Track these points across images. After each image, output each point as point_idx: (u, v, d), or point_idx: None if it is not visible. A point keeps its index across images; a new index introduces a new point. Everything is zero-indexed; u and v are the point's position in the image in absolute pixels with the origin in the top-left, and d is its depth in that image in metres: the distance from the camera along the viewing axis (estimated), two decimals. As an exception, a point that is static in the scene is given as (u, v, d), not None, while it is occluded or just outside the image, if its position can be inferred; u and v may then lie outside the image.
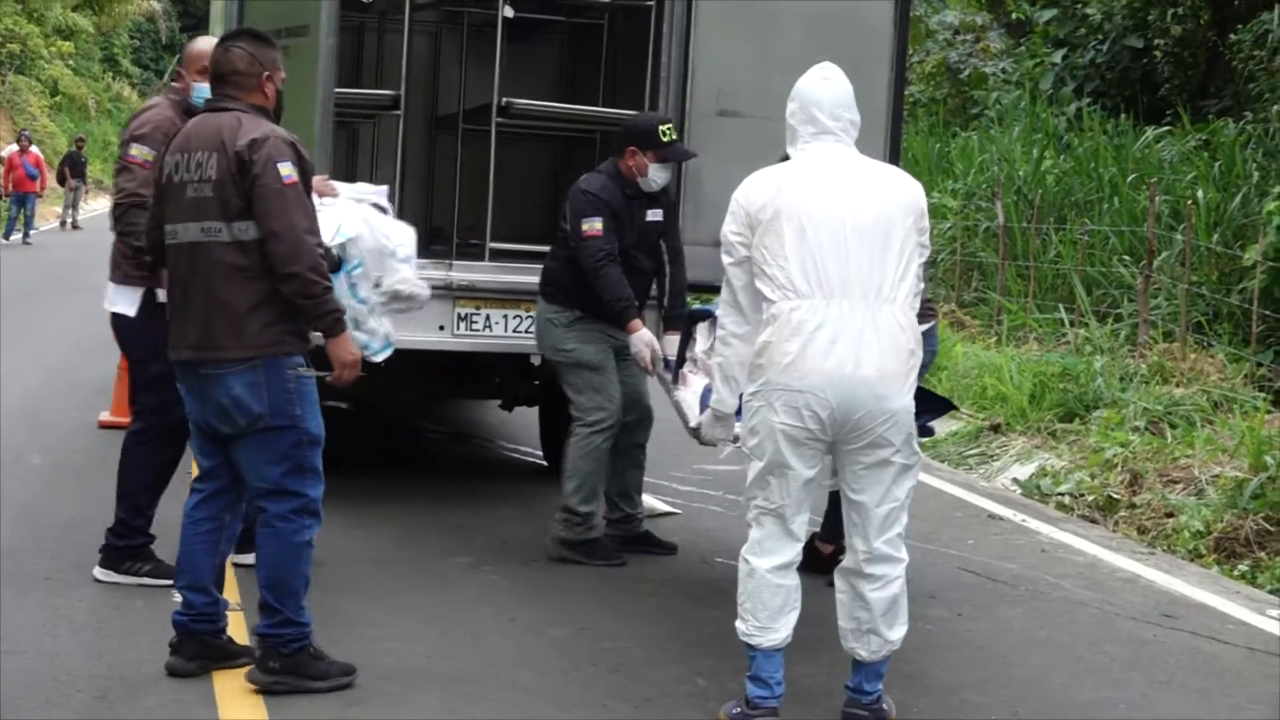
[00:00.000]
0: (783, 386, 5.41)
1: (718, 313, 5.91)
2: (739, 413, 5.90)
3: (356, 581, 7.19)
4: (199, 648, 5.88)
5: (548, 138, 10.47)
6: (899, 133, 8.72)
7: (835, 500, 6.25)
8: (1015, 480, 11.11)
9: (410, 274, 6.61)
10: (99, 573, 6.99)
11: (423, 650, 6.32)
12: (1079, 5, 22.56)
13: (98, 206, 40.95)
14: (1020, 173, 19.70)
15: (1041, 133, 20.93)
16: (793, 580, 5.60)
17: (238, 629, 6.37)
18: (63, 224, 35.11)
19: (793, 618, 5.60)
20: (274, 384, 5.60)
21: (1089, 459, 10.94)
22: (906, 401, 5.48)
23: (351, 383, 5.86)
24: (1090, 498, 10.28)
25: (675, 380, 7.43)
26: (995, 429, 12.53)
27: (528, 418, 10.52)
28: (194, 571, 5.87)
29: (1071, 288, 16.35)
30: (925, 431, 6.80)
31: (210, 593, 5.89)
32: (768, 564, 5.56)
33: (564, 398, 9.69)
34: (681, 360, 7.44)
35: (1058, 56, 22.75)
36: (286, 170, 5.52)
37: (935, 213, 20.27)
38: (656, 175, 7.84)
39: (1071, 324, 15.48)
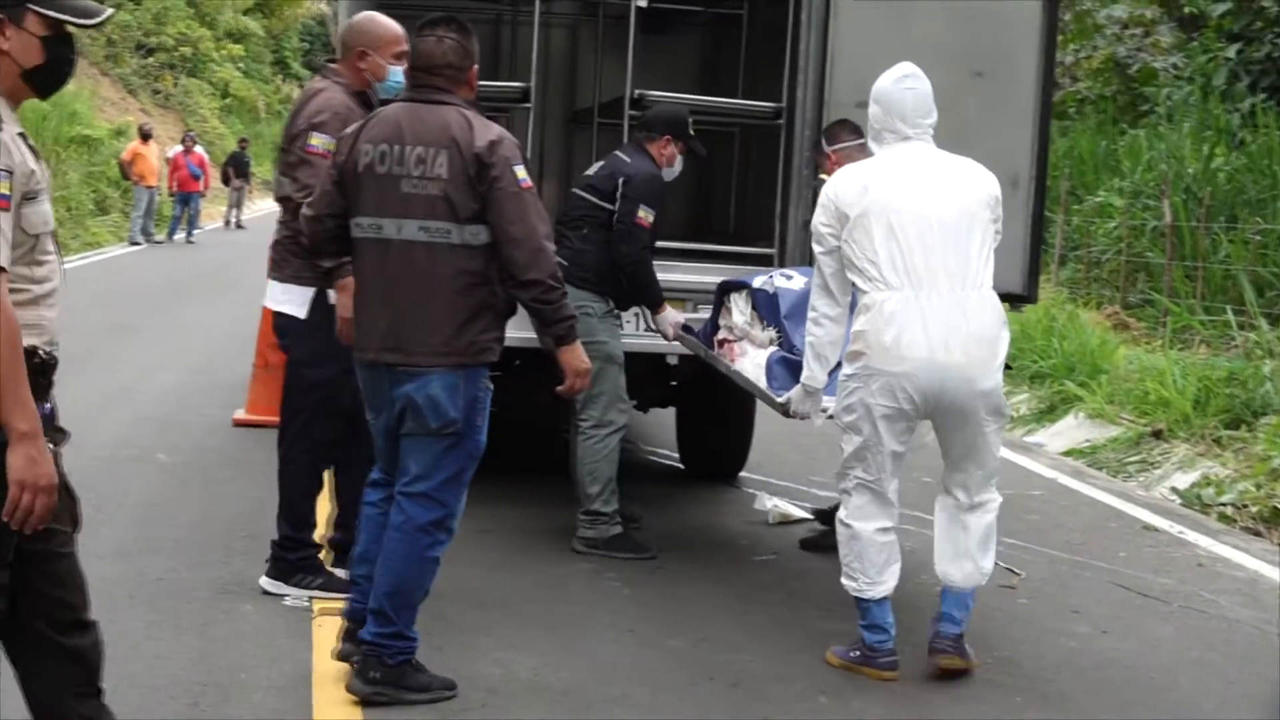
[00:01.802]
0: (880, 371, 5.85)
1: (811, 298, 6.17)
2: (828, 388, 6.29)
3: (472, 587, 6.94)
4: None
5: (698, 132, 10.17)
6: (1047, 124, 8.31)
7: None
8: (1174, 489, 10.60)
9: None
10: (266, 583, 6.67)
11: (532, 662, 6.06)
12: (1255, -2, 21.82)
13: (262, 206, 41.47)
14: (1189, 170, 19.03)
15: (1213, 129, 20.23)
16: (893, 537, 6.14)
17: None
18: (226, 223, 35.54)
19: (897, 569, 6.11)
20: (469, 391, 5.43)
21: (1255, 468, 10.43)
22: (996, 380, 5.95)
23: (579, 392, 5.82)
24: (1254, 509, 9.77)
25: (713, 346, 7.47)
26: (1157, 435, 12.01)
27: (665, 419, 10.26)
28: (376, 560, 5.59)
29: (1241, 289, 15.72)
30: None
31: None
32: (870, 527, 6.08)
33: (703, 398, 9.52)
34: (715, 327, 7.48)
35: (1232, 51, 21.98)
36: (522, 173, 5.36)
37: (1100, 212, 19.73)
38: (678, 166, 7.91)
39: (1240, 327, 14.86)
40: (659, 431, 10.71)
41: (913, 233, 5.84)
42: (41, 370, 3.75)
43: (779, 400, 6.64)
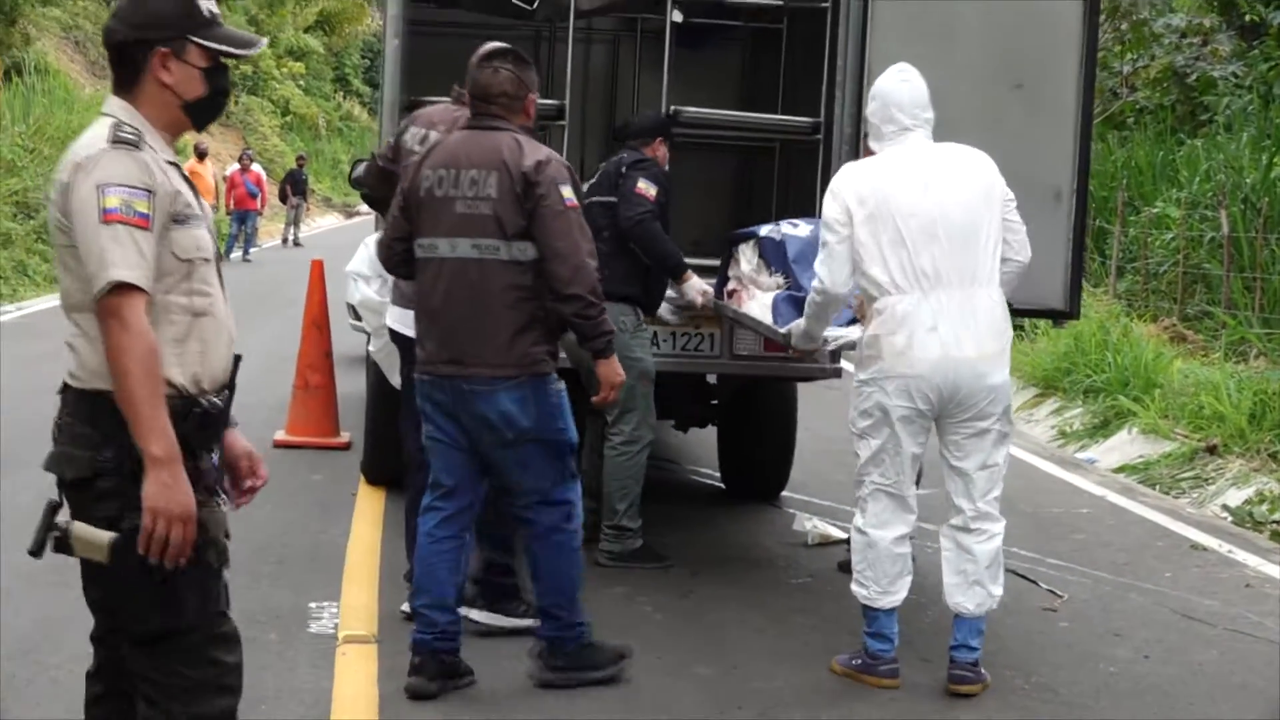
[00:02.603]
0: (895, 374, 5.99)
1: (816, 270, 6.27)
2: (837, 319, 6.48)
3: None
4: (439, 667, 5.84)
5: (726, 147, 10.11)
6: (1088, 137, 8.13)
7: None
8: (1225, 507, 10.40)
9: None
10: (478, 616, 6.55)
11: (556, 689, 5.96)
12: (1317, 5, 21.53)
13: (321, 224, 41.65)
14: (1248, 180, 18.76)
15: (1272, 138, 19.93)
16: (908, 548, 6.22)
17: (369, 661, 6.14)
18: (284, 241, 35.60)
19: (908, 580, 6.19)
20: (540, 399, 5.72)
21: (1310, 484, 10.23)
22: (1005, 376, 6.09)
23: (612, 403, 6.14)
24: (1308, 526, 9.59)
25: (723, 298, 7.58)
26: (1211, 450, 11.78)
27: (708, 438, 10.15)
28: (437, 590, 5.85)
29: (1299, 301, 15.48)
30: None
31: (453, 611, 5.90)
32: (889, 535, 6.16)
33: (743, 417, 9.42)
34: (725, 279, 7.61)
35: (1293, 59, 21.70)
36: (568, 193, 5.63)
37: (1158, 223, 19.46)
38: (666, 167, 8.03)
39: (1298, 339, 14.62)
40: (703, 451, 10.60)
41: (920, 237, 5.98)
42: (203, 422, 3.72)
43: (781, 332, 6.78)
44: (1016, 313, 11.29)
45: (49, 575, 6.70)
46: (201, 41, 3.77)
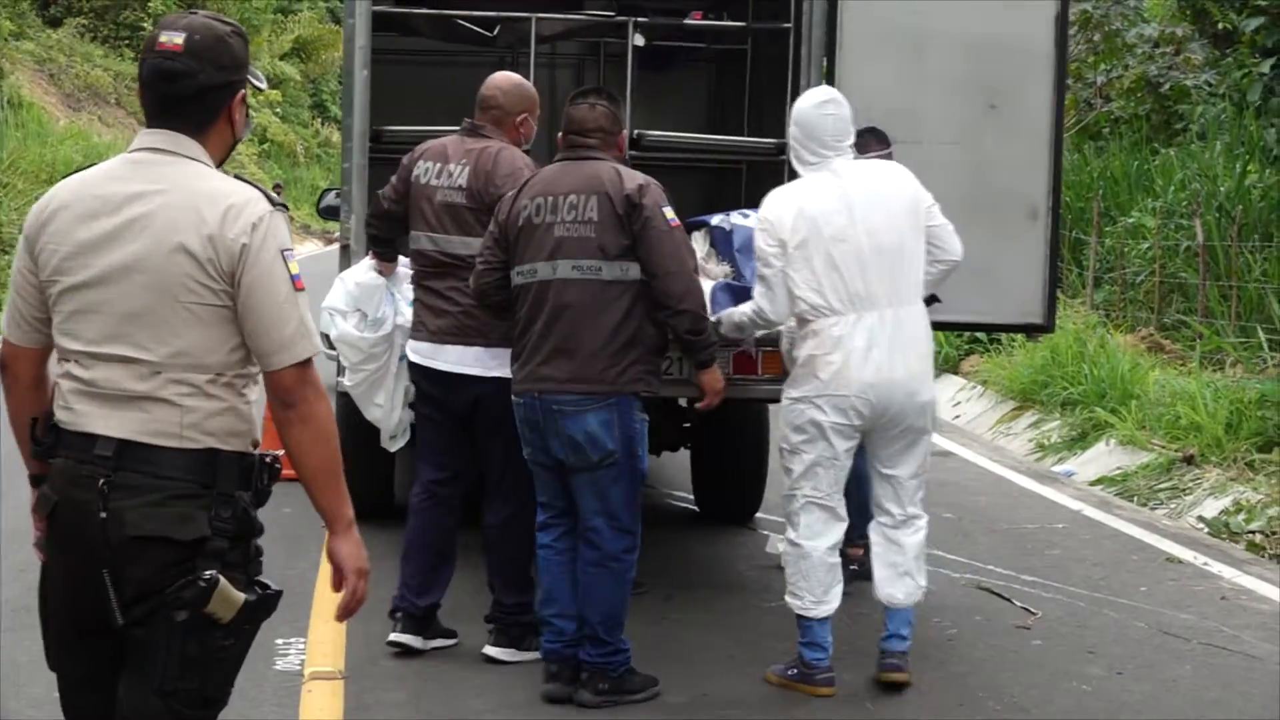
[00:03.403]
0: (830, 393, 6.20)
1: (754, 296, 6.41)
2: None
3: (471, 641, 6.79)
4: (573, 672, 6.14)
5: (694, 169, 10.07)
6: (1060, 155, 8.22)
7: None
8: (1201, 518, 10.37)
9: None
10: (495, 653, 6.61)
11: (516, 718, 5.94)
12: (1288, 11, 21.52)
13: (301, 250, 41.40)
14: (1222, 189, 18.77)
15: (1246, 146, 19.95)
16: (838, 559, 6.41)
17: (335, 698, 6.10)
18: (265, 269, 35.48)
19: (840, 590, 6.36)
20: (625, 421, 5.95)
21: (1286, 493, 10.20)
22: (932, 392, 6.40)
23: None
24: (1285, 536, 9.55)
25: None
26: (1189, 460, 11.75)
27: (682, 460, 10.10)
28: (563, 599, 6.14)
29: (1272, 309, 15.45)
30: None
31: (576, 619, 6.14)
32: (821, 546, 6.33)
33: (716, 440, 9.37)
34: None
35: (1266, 66, 21.68)
36: (670, 214, 5.94)
37: (1134, 233, 19.45)
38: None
39: (1273, 347, 14.60)
40: (677, 474, 10.55)
41: (852, 260, 6.18)
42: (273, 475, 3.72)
43: (710, 320, 6.73)
44: (995, 328, 11.41)
45: (9, 619, 6.66)
46: (252, 80, 3.76)
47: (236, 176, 3.67)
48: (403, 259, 7.04)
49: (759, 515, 9.51)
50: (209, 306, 3.54)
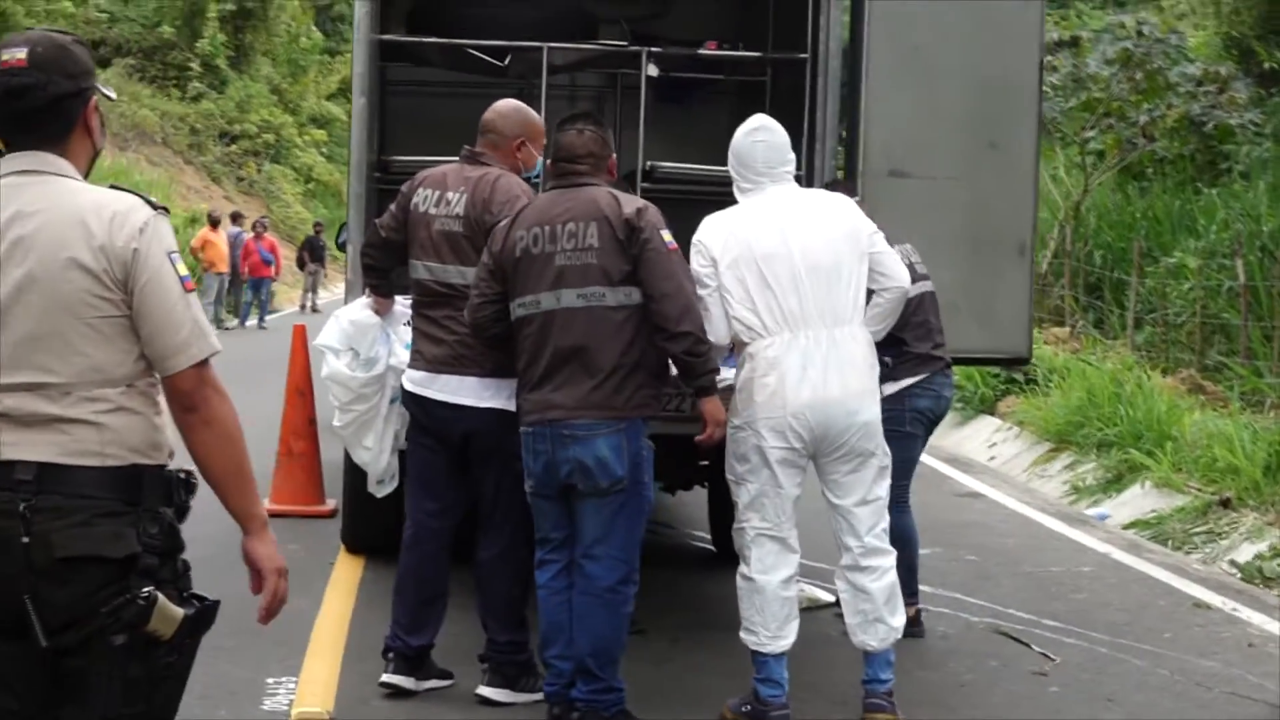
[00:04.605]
0: (767, 416, 6.05)
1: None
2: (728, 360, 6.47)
3: (469, 683, 6.59)
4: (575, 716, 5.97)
5: (707, 202, 9.86)
6: (1036, 193, 8.48)
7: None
8: (1233, 562, 10.09)
9: None
10: (490, 693, 6.42)
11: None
12: (1334, 50, 21.30)
13: (340, 289, 41.40)
14: (1265, 229, 18.50)
15: (1290, 186, 19.70)
16: (794, 592, 6.28)
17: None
18: (302, 308, 35.42)
19: (796, 624, 6.20)
20: (632, 448, 5.86)
21: (1323, 538, 9.92)
22: (875, 411, 6.19)
23: (718, 443, 6.10)
24: (1320, 581, 9.28)
25: None
26: (1225, 504, 11.47)
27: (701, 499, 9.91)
28: (563, 641, 5.97)
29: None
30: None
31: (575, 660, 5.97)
32: (775, 579, 6.16)
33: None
34: None
35: (1311, 105, 21.47)
36: (668, 237, 5.87)
37: (1175, 273, 19.17)
38: None
39: (1314, 389, 14.31)
40: (698, 513, 10.35)
41: (784, 277, 6.09)
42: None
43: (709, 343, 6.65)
44: (978, 361, 11.27)
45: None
46: (100, 89, 3.65)
47: (112, 186, 3.57)
48: (400, 299, 6.89)
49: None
50: (109, 319, 3.45)
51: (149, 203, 3.52)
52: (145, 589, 3.41)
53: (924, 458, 14.65)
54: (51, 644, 3.40)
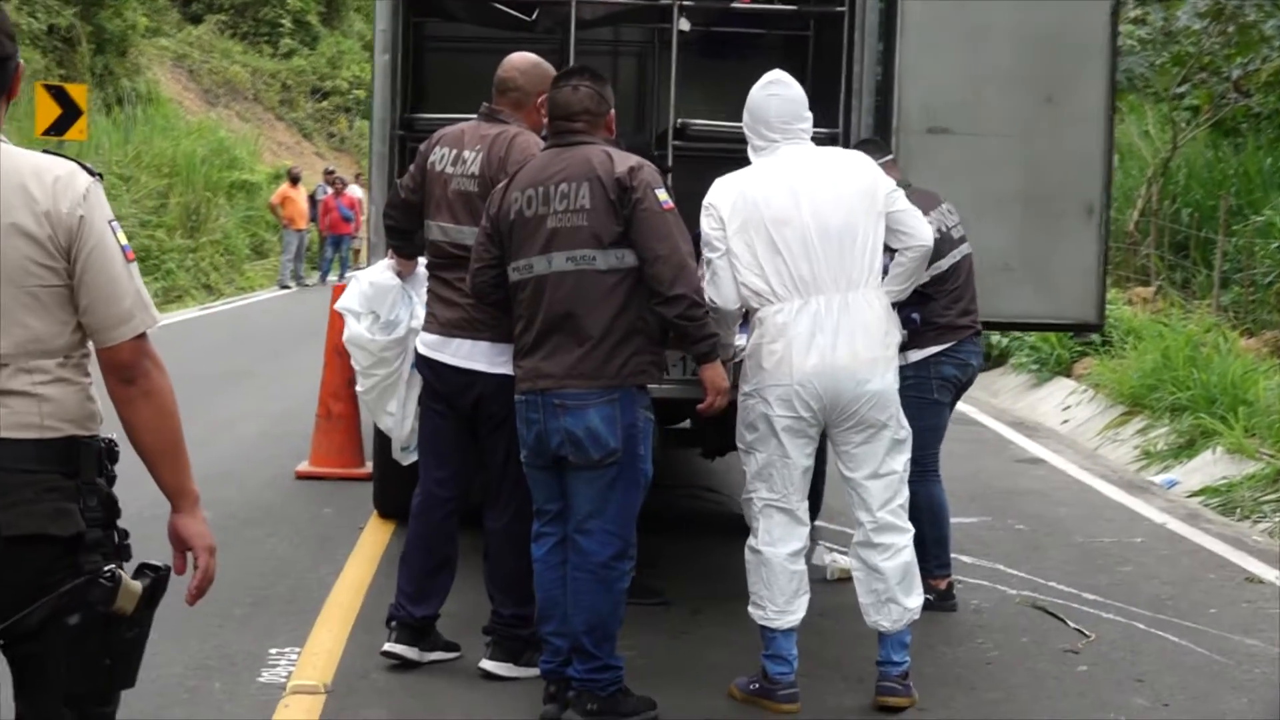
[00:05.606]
0: (774, 383, 5.87)
1: (706, 289, 5.93)
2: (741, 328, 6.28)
3: (475, 655, 6.41)
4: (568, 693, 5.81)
5: (741, 160, 9.64)
6: (1111, 151, 8.07)
7: (921, 536, 6.45)
8: (1294, 534, 9.76)
9: None
10: (492, 667, 6.30)
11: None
12: None
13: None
14: (1359, 184, 17.95)
15: (1388, 139, 19.09)
16: (803, 566, 6.06)
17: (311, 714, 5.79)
18: (384, 263, 35.57)
19: (806, 600, 6.01)
20: (627, 417, 5.62)
21: (1395, 507, 9.55)
22: (888, 380, 5.94)
23: (721, 411, 5.85)
24: (1384, 555, 8.92)
25: None
26: (1298, 471, 11.11)
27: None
28: (559, 617, 5.78)
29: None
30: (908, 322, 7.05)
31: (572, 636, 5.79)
32: (782, 552, 5.99)
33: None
34: None
35: None
36: (663, 195, 5.61)
37: (1265, 232, 18.66)
38: None
39: (1397, 352, 13.83)
40: (729, 474, 10.14)
41: (794, 241, 5.88)
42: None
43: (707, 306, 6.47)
44: (1038, 327, 10.94)
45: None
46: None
47: (45, 151, 3.42)
48: (423, 260, 6.72)
49: (816, 523, 9.05)
50: (50, 288, 3.34)
51: (85, 168, 3.40)
52: (108, 569, 3.35)
53: (989, 421, 14.45)
54: (4, 628, 3.31)
